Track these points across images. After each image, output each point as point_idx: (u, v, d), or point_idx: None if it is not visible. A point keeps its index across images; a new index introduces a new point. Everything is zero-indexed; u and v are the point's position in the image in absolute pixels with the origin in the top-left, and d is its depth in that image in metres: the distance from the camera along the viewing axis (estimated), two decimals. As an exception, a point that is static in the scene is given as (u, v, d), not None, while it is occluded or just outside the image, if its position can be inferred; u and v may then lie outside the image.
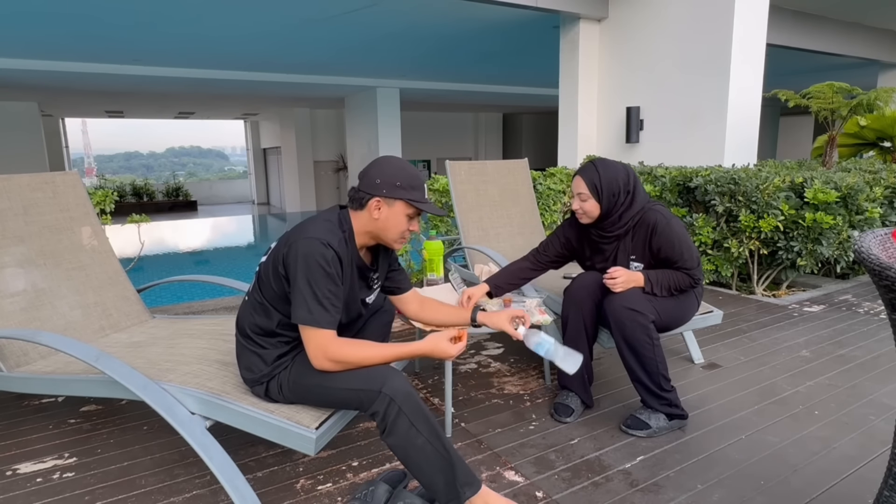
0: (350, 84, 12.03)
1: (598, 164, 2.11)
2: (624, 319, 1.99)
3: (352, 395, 1.50)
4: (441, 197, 4.28)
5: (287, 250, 1.49)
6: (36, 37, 7.48)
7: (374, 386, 1.47)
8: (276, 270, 1.53)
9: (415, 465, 1.49)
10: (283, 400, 1.60)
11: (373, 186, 1.56)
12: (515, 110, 19.38)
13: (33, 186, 2.34)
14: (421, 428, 1.47)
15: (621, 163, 2.15)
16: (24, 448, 2.02)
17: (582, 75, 6.09)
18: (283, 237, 1.56)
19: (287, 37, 8.01)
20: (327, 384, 1.53)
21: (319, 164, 18.13)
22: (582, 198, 2.11)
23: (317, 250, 1.46)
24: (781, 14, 7.35)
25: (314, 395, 1.57)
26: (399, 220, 1.59)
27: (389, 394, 1.46)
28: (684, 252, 2.06)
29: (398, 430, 1.46)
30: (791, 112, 18.46)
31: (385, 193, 1.56)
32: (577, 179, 2.13)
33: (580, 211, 2.14)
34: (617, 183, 2.08)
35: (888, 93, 4.86)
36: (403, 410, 1.45)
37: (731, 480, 1.77)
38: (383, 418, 1.47)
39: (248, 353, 1.63)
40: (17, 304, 2.13)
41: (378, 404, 1.46)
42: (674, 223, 2.07)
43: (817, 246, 3.54)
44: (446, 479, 1.48)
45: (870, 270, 1.07)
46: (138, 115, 19.07)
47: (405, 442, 1.47)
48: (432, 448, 1.47)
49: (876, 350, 2.86)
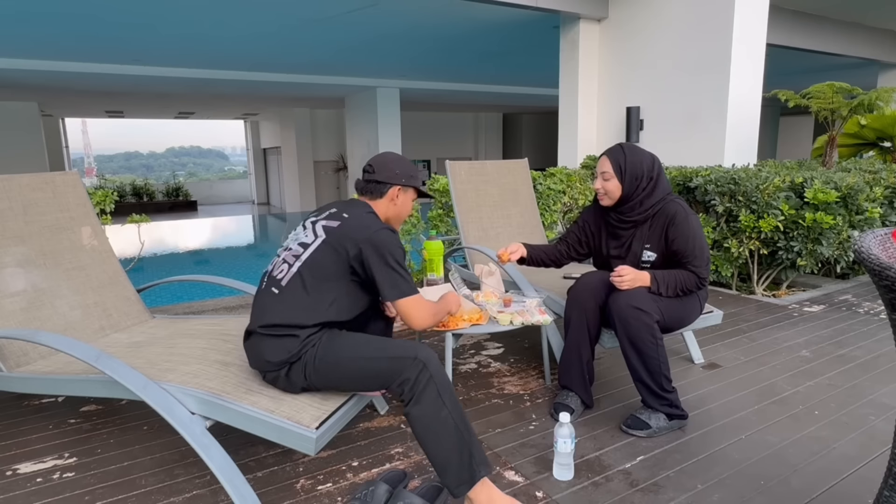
0: (350, 84, 12.03)
1: (626, 147, 2.16)
2: (629, 318, 1.99)
3: (384, 363, 1.56)
4: (441, 197, 4.29)
5: (364, 245, 1.62)
6: (36, 37, 7.48)
7: (408, 353, 1.55)
8: (346, 267, 1.64)
9: (434, 440, 1.50)
10: (303, 382, 1.62)
11: (393, 176, 1.79)
12: (515, 110, 19.38)
13: (33, 186, 2.34)
14: (446, 400, 1.52)
15: (648, 151, 2.18)
16: (24, 448, 2.02)
17: (582, 75, 6.09)
18: (343, 237, 1.65)
19: (287, 37, 8.01)
20: (361, 353, 1.60)
21: (319, 164, 18.13)
22: (605, 177, 2.14)
23: (392, 238, 1.66)
24: (781, 14, 7.35)
25: (344, 368, 1.60)
26: (410, 205, 1.87)
27: (423, 360, 1.53)
28: (696, 249, 2.07)
29: (426, 399, 1.50)
30: (791, 112, 18.47)
31: (403, 182, 1.80)
32: (603, 159, 2.17)
33: (602, 190, 2.17)
34: (641, 167, 2.11)
35: (888, 93, 4.86)
36: (434, 379, 1.51)
37: (731, 480, 1.77)
38: (413, 385, 1.51)
39: (274, 341, 1.63)
40: (17, 303, 2.13)
41: (411, 370, 1.52)
42: (692, 219, 2.09)
43: (817, 246, 3.54)
44: (461, 458, 1.49)
45: (870, 270, 1.07)
46: (138, 115, 19.08)
47: (431, 412, 1.50)
48: (454, 423, 1.50)
49: (876, 350, 2.86)
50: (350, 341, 1.64)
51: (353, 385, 1.65)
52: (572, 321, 2.17)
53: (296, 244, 1.72)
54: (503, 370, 2.68)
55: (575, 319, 2.17)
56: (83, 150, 40.60)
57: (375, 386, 1.61)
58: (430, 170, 19.43)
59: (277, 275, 1.70)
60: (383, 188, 1.79)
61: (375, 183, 1.79)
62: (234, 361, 1.85)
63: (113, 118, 19.15)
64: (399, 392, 1.54)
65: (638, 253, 2.17)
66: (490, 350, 2.94)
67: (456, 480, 1.49)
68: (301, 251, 1.68)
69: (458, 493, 1.50)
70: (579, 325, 2.16)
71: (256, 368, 1.70)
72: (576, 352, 2.17)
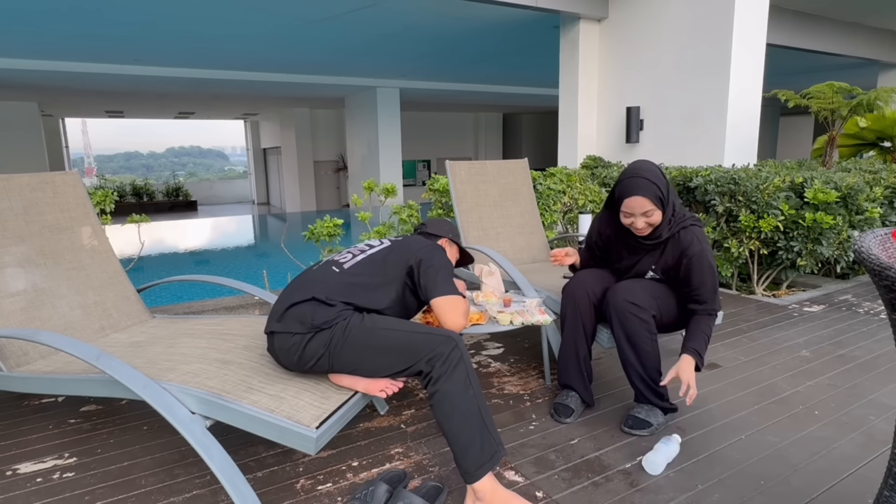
0: (350, 84, 12.03)
1: (651, 174, 1.97)
2: (626, 313, 2.00)
3: (419, 336, 1.63)
4: (441, 197, 4.29)
5: (423, 255, 1.86)
6: (36, 37, 7.48)
7: (442, 332, 1.64)
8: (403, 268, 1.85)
9: (459, 419, 1.53)
10: (322, 353, 1.65)
11: (443, 231, 2.18)
12: (515, 110, 19.39)
13: (33, 186, 2.34)
14: (473, 382, 1.58)
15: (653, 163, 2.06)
16: (24, 448, 2.02)
17: (582, 75, 6.09)
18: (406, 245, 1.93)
19: (287, 37, 8.01)
20: (398, 327, 1.69)
21: (319, 164, 18.13)
22: (647, 214, 1.97)
23: (446, 255, 1.92)
24: (781, 14, 7.36)
25: (377, 339, 1.66)
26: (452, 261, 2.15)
27: (457, 340, 1.61)
28: (711, 290, 2.01)
29: (457, 376, 1.55)
30: (791, 112, 18.47)
31: (451, 237, 2.19)
32: (636, 200, 1.95)
33: (645, 227, 2.01)
34: (674, 191, 2.06)
35: (888, 93, 4.86)
36: (465, 359, 1.59)
37: (731, 480, 1.77)
38: (445, 360, 1.56)
39: (312, 307, 1.69)
40: (18, 303, 2.13)
41: (445, 346, 1.59)
42: (707, 254, 2.01)
43: (817, 246, 3.54)
44: (483, 438, 1.52)
45: (870, 270, 1.07)
46: (138, 115, 19.08)
47: (460, 390, 1.54)
48: (477, 405, 1.55)
49: (876, 350, 2.86)
50: (386, 319, 1.74)
51: (376, 360, 1.65)
52: (567, 318, 2.18)
53: (363, 245, 1.98)
54: (503, 370, 2.68)
55: (570, 317, 2.18)
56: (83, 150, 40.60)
57: (401, 361, 1.63)
58: (430, 170, 19.44)
59: (340, 259, 1.89)
60: (435, 239, 2.12)
61: (428, 234, 2.15)
62: (235, 360, 1.85)
63: (113, 118, 19.15)
64: (428, 370, 1.57)
65: (643, 271, 2.16)
66: (490, 350, 2.94)
67: (476, 463, 1.50)
68: (368, 249, 1.93)
69: (477, 476, 1.50)
70: (574, 322, 2.17)
71: (280, 331, 1.69)
72: (573, 349, 2.17)
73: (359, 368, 1.67)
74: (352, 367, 1.67)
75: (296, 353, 1.66)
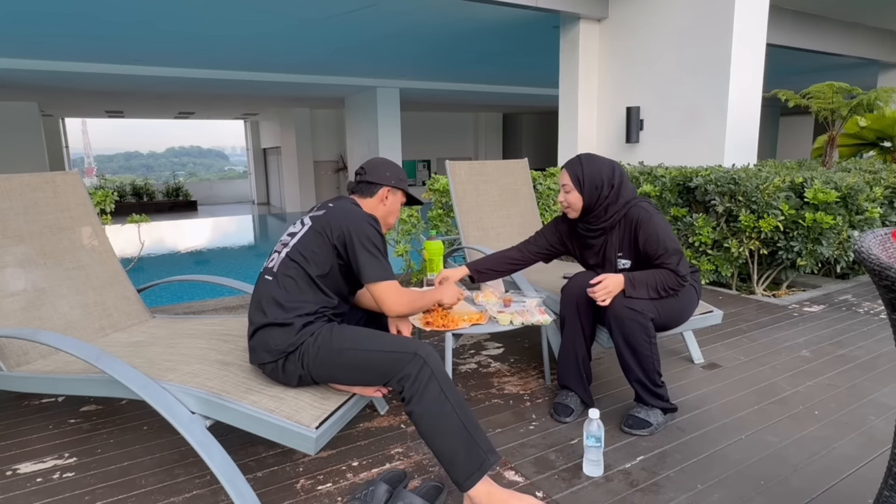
0: (350, 84, 12.02)
1: (584, 159, 2.18)
2: (624, 318, 2.00)
3: (385, 356, 1.57)
4: (441, 197, 4.29)
5: (346, 230, 1.69)
6: (36, 37, 7.47)
7: (408, 349, 1.55)
8: (330, 248, 1.70)
9: (439, 436, 1.49)
10: (300, 371, 1.63)
11: (384, 178, 1.89)
12: (515, 110, 19.38)
13: (34, 186, 2.34)
14: (449, 395, 1.52)
15: (608, 159, 2.20)
16: (24, 448, 2.02)
17: (582, 75, 6.08)
18: (326, 223, 1.73)
19: (287, 37, 8.01)
20: (362, 346, 1.61)
21: (319, 164, 18.12)
22: (566, 189, 2.18)
23: (373, 225, 1.73)
24: (781, 14, 7.35)
25: (344, 360, 1.61)
26: (398, 208, 1.95)
27: (424, 356, 1.53)
28: (665, 246, 2.03)
29: (429, 395, 1.49)
30: (791, 112, 18.47)
31: (393, 184, 1.90)
32: (562, 172, 2.21)
33: (565, 203, 2.21)
34: (600, 176, 2.12)
35: (888, 93, 4.86)
36: (435, 374, 1.51)
37: (731, 480, 1.77)
38: (414, 381, 1.50)
39: (269, 332, 1.66)
40: (18, 303, 2.13)
41: (412, 366, 1.52)
42: (657, 218, 2.08)
43: (817, 246, 3.54)
44: (468, 449, 1.48)
45: (870, 270, 1.07)
46: (138, 115, 19.07)
47: (435, 408, 1.49)
48: (457, 417, 1.49)
49: (876, 350, 2.86)
50: (352, 333, 1.67)
51: (351, 376, 1.65)
52: (566, 319, 2.19)
53: (286, 236, 1.82)
54: (503, 370, 2.68)
55: (569, 318, 2.18)
56: (83, 150, 40.57)
57: (373, 378, 1.61)
58: (430, 170, 19.44)
59: (269, 264, 1.78)
60: (374, 189, 1.89)
61: (367, 183, 1.89)
62: (235, 361, 1.85)
63: (113, 118, 19.14)
64: (399, 389, 1.54)
65: (613, 261, 2.18)
66: (490, 350, 2.94)
67: (465, 473, 1.48)
68: (290, 240, 1.78)
69: (468, 486, 1.48)
70: (573, 323, 2.17)
71: (256, 363, 1.71)
72: (572, 350, 2.17)
73: (339, 382, 1.69)
74: (332, 381, 1.69)
75: (278, 376, 1.68)
